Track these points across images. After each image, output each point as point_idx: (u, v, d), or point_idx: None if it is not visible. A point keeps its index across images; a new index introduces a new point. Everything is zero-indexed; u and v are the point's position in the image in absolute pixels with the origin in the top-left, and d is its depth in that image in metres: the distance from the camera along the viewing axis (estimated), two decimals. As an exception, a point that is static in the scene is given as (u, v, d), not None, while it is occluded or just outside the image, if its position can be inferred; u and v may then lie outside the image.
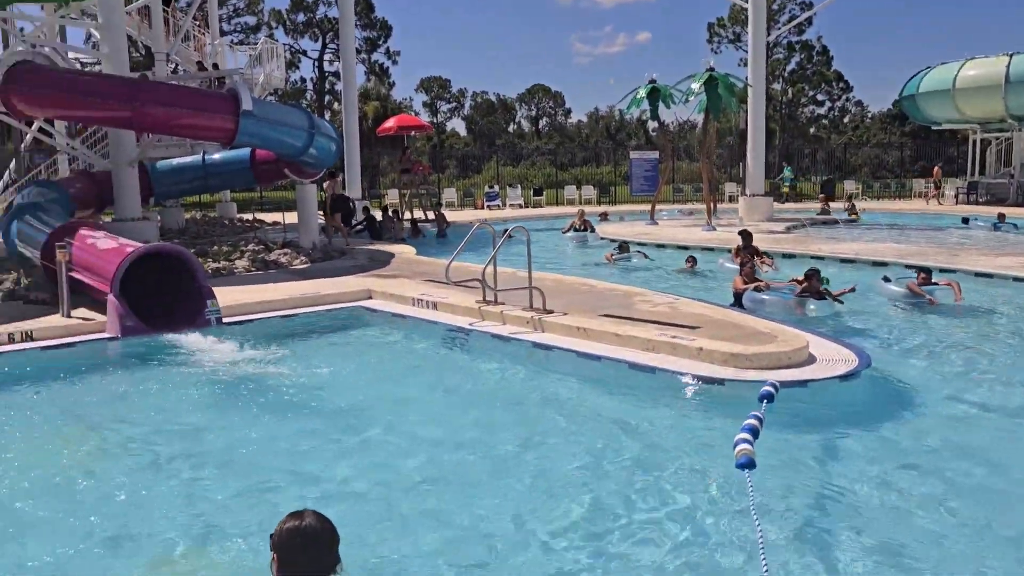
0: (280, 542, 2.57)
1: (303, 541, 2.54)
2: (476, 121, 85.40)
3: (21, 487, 5.47)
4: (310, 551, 2.54)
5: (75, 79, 14.21)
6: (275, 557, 2.57)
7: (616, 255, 16.69)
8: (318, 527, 2.59)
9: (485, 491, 5.27)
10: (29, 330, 9.36)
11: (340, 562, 2.59)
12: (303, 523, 2.58)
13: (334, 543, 2.60)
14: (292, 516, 2.62)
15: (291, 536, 2.56)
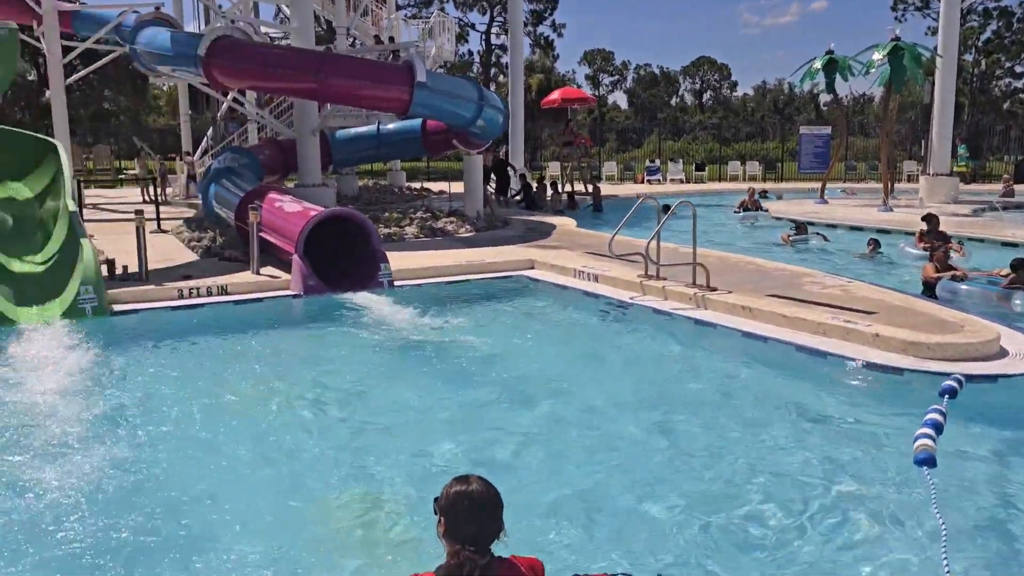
0: (446, 505, 2.57)
1: (469, 505, 2.54)
2: (638, 94, 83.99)
3: (211, 424, 6.02)
4: (476, 516, 2.53)
5: (268, 52, 15.22)
6: (441, 520, 2.57)
7: (793, 236, 15.88)
8: (484, 492, 2.57)
9: (645, 469, 5.24)
10: (224, 285, 10.25)
11: (504, 529, 2.58)
12: (469, 488, 2.57)
13: (499, 509, 2.58)
14: (458, 480, 2.62)
15: (457, 500, 2.56)
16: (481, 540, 2.53)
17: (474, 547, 2.51)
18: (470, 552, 2.51)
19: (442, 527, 2.57)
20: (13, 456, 5.30)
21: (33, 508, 4.58)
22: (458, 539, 2.52)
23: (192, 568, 4.04)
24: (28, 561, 4.03)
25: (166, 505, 4.69)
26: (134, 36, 16.42)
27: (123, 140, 38.43)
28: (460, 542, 2.52)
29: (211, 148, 23.88)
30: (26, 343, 7.95)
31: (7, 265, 10.22)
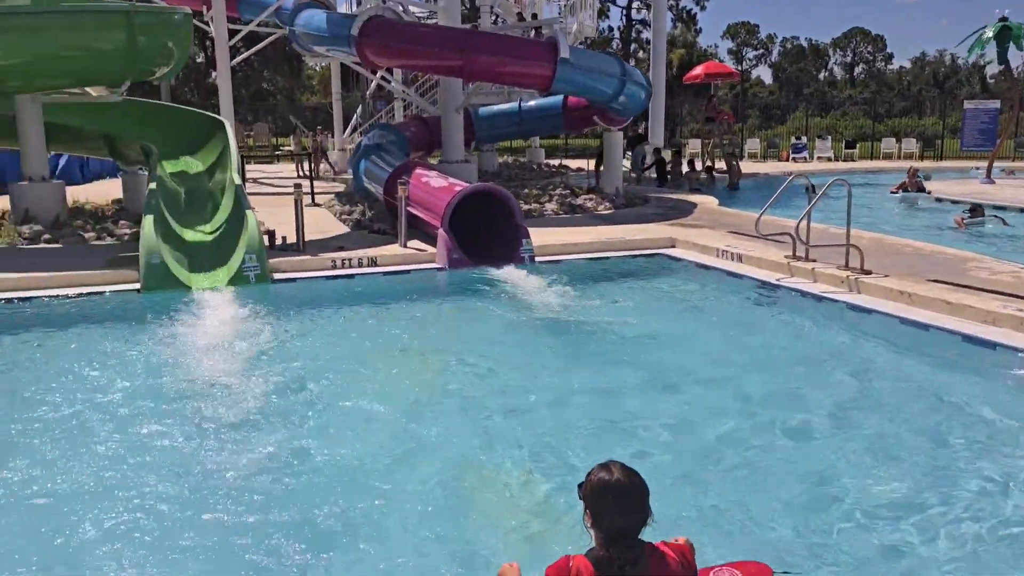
0: (590, 496, 2.53)
1: (614, 496, 2.49)
2: (783, 68, 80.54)
3: (358, 392, 6.27)
4: (621, 505, 2.48)
5: (416, 31, 15.62)
6: (588, 509, 2.53)
7: (967, 219, 14.56)
8: (628, 483, 2.52)
9: (792, 460, 5.01)
10: (374, 256, 10.70)
11: (652, 515, 2.53)
12: (612, 477, 2.51)
13: (645, 497, 2.52)
14: (601, 468, 2.56)
15: (601, 490, 2.51)
16: (630, 530, 2.49)
17: (623, 538, 2.49)
18: (622, 543, 2.48)
19: (588, 519, 2.54)
20: (184, 408, 5.77)
21: (202, 459, 4.98)
22: (605, 530, 2.50)
23: (338, 526, 4.27)
24: (193, 517, 4.33)
25: (313, 461, 4.97)
26: (292, 18, 17.27)
27: (279, 118, 40.59)
28: (608, 533, 2.50)
29: (360, 125, 24.83)
30: (198, 307, 8.61)
31: (181, 234, 11.07)
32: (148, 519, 4.24)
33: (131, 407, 5.81)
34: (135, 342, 7.49)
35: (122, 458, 4.95)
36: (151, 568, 3.81)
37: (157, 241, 9.52)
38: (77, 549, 3.97)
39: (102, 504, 4.38)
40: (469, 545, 4.03)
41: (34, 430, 5.41)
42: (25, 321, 8.21)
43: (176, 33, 12.19)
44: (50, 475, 4.75)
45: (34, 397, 6.03)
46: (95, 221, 13.14)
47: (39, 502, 4.42)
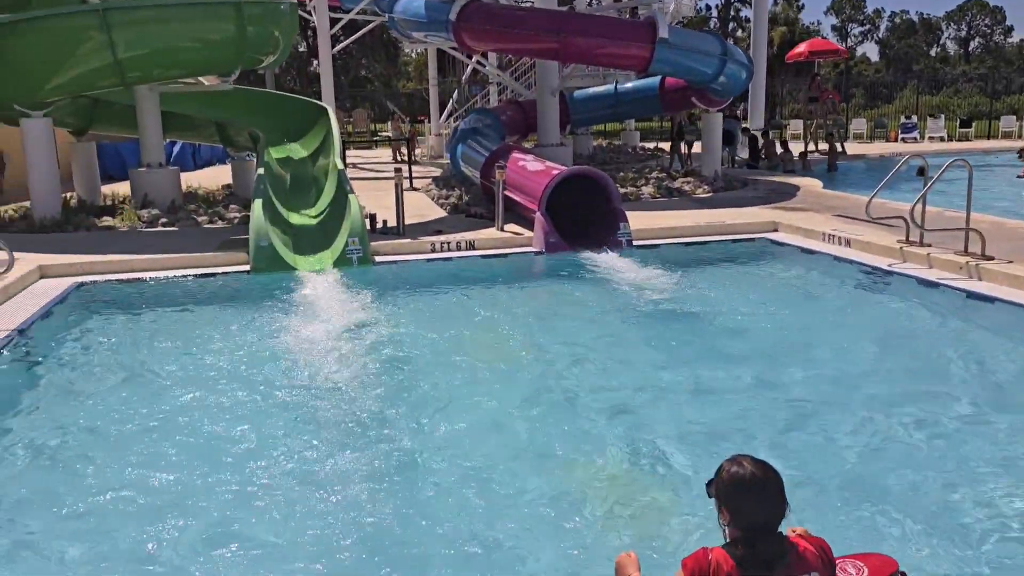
0: (725, 490, 2.44)
1: (752, 489, 2.39)
2: (891, 44, 76.83)
3: (457, 372, 6.37)
4: (761, 499, 2.38)
5: (512, 14, 15.62)
6: (722, 507, 2.45)
7: None
8: (763, 475, 2.41)
9: (912, 459, 4.73)
10: (471, 240, 10.79)
11: (789, 506, 2.43)
12: (747, 471, 2.42)
13: (782, 488, 2.41)
14: (732, 462, 2.46)
15: (737, 484, 2.41)
16: (772, 524, 2.40)
17: (766, 532, 2.39)
18: (764, 539, 2.39)
19: (725, 516, 2.45)
20: (291, 383, 5.97)
21: (302, 429, 5.15)
22: (746, 526, 2.40)
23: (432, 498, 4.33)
24: (301, 488, 4.50)
25: (410, 445, 5.03)
26: (392, 5, 17.52)
27: (376, 104, 41.41)
28: (749, 529, 2.40)
29: (455, 110, 25.06)
30: (303, 288, 8.89)
31: (287, 218, 11.46)
32: (250, 492, 4.41)
33: (238, 383, 6.04)
34: (244, 321, 7.80)
35: (228, 434, 5.15)
36: (259, 543, 3.96)
37: (265, 224, 9.87)
38: (187, 520, 4.16)
39: (208, 476, 4.59)
40: (580, 537, 3.98)
41: (148, 402, 5.70)
42: (145, 300, 8.67)
43: (282, 22, 12.55)
44: (163, 445, 5.01)
45: (150, 371, 6.37)
46: (207, 205, 13.74)
47: (150, 472, 4.65)
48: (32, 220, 12.32)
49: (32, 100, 12.10)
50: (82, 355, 6.88)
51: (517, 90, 19.86)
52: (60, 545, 3.93)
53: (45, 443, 5.10)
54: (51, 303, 8.29)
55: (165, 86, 13.47)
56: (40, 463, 4.84)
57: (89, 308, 8.41)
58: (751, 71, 15.66)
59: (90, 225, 12.15)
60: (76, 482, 4.58)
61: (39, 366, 6.59)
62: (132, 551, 3.87)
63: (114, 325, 7.80)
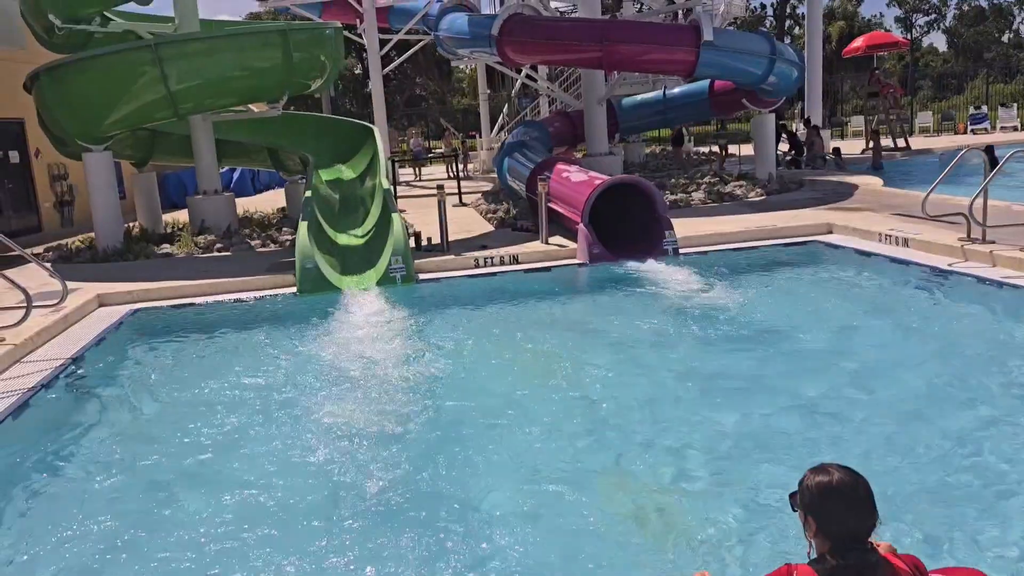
0: (813, 500, 2.33)
1: (841, 497, 2.29)
2: (959, 33, 74.10)
3: (502, 388, 6.29)
4: (850, 506, 2.28)
5: (554, 25, 15.59)
6: (809, 519, 2.34)
7: None
8: (852, 481, 2.30)
9: (986, 476, 4.41)
10: (515, 254, 10.74)
11: (879, 517, 2.32)
12: (834, 478, 2.31)
13: (871, 495, 2.31)
14: (817, 471, 2.36)
15: (825, 492, 2.30)
16: (863, 533, 2.29)
17: (856, 542, 2.27)
18: (857, 550, 2.26)
19: (812, 526, 2.33)
20: (335, 404, 5.99)
21: (351, 449, 5.15)
22: (836, 536, 2.28)
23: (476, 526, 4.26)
24: (335, 501, 4.51)
25: (454, 456, 5.00)
26: (437, 23, 17.70)
27: (431, 121, 41.88)
28: (839, 539, 2.28)
29: (507, 124, 25.13)
30: (347, 308, 8.96)
31: (334, 238, 11.61)
32: (299, 508, 4.42)
33: (285, 401, 6.11)
34: (289, 342, 7.90)
35: (277, 449, 5.21)
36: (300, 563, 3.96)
37: (311, 247, 10.00)
38: (234, 533, 4.19)
39: (259, 490, 4.64)
40: (643, 560, 3.84)
41: (202, 420, 5.79)
42: (195, 324, 8.86)
43: (327, 47, 12.76)
44: (214, 459, 5.10)
45: (202, 392, 6.49)
46: (261, 229, 14.04)
47: (204, 492, 4.72)
48: (96, 250, 12.78)
49: (93, 135, 12.57)
50: (131, 380, 7.06)
51: (566, 101, 19.79)
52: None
53: (100, 466, 5.23)
54: (105, 330, 8.54)
55: (217, 115, 13.84)
56: (96, 489, 4.94)
57: (141, 334, 8.65)
58: (802, 69, 15.26)
59: (149, 253, 12.53)
60: (130, 506, 4.66)
61: (89, 393, 6.78)
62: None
63: (164, 349, 7.99)
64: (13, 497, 4.88)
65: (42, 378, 6.88)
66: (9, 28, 15.00)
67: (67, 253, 12.94)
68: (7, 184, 16.87)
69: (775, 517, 3.95)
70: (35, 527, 4.49)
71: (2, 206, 16.65)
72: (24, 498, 4.86)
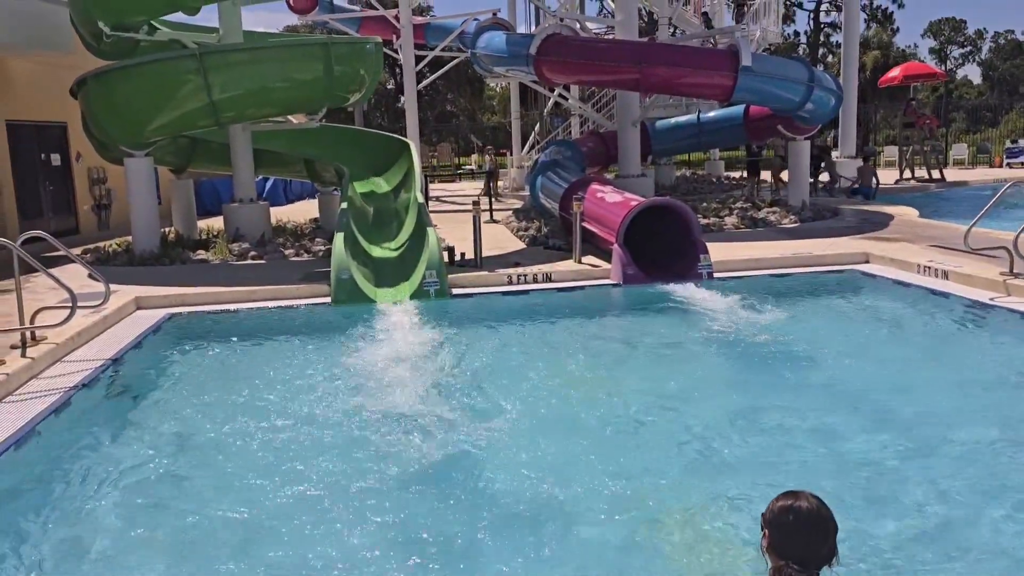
0: (772, 519, 2.43)
1: (796, 521, 2.38)
2: (995, 66, 73.62)
3: (532, 408, 6.26)
4: (804, 534, 2.37)
5: (592, 46, 15.67)
6: (766, 534, 2.45)
7: None
8: (814, 510, 2.39)
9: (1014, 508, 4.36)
10: (548, 272, 10.74)
11: (837, 555, 2.38)
12: (797, 503, 2.41)
13: (831, 532, 2.39)
14: (787, 495, 2.46)
15: (783, 514, 2.40)
16: (808, 561, 2.34)
17: (800, 567, 2.34)
18: (794, 571, 2.33)
19: (766, 540, 2.44)
20: (369, 414, 6.00)
21: (382, 460, 5.15)
22: (783, 556, 2.37)
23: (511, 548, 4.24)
24: (357, 519, 4.49)
25: (478, 468, 4.99)
26: (474, 41, 17.86)
27: (461, 138, 42.14)
28: (785, 559, 2.37)
29: (538, 142, 25.23)
30: (380, 320, 9.00)
31: (368, 250, 11.68)
32: (332, 516, 4.43)
33: (320, 410, 6.13)
34: (323, 352, 7.94)
35: (309, 458, 5.22)
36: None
37: (347, 258, 10.07)
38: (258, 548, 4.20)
39: (290, 496, 4.64)
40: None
41: (237, 425, 5.84)
42: (231, 330, 8.93)
43: (368, 61, 12.91)
44: (240, 472, 5.11)
45: (239, 397, 6.54)
46: (294, 238, 14.17)
47: (237, 496, 4.74)
48: (132, 254, 12.95)
49: (136, 141, 12.77)
50: (169, 383, 7.13)
51: (599, 121, 19.85)
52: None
53: (138, 466, 5.28)
54: (144, 333, 8.64)
55: (256, 125, 14.02)
56: (130, 488, 4.98)
57: (179, 338, 8.73)
58: (840, 97, 15.20)
59: (185, 259, 12.68)
60: (165, 508, 4.70)
61: (129, 394, 6.85)
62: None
63: (202, 354, 8.07)
64: (53, 492, 4.93)
65: (83, 378, 6.97)
66: (58, 33, 15.31)
67: (104, 256, 13.12)
68: (48, 186, 17.17)
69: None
70: (75, 522, 4.53)
71: (43, 207, 16.94)
72: (65, 494, 4.91)
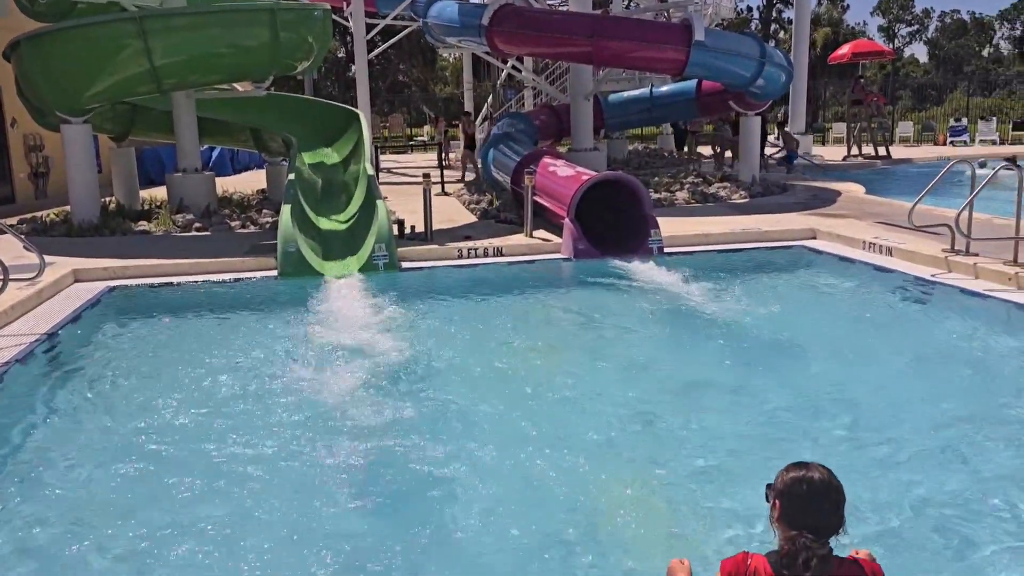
0: (782, 489, 2.43)
1: (809, 491, 2.39)
2: (941, 45, 75.14)
3: (482, 381, 6.24)
4: (816, 504, 2.38)
5: (545, 17, 15.51)
6: (776, 504, 2.45)
7: None
8: (826, 480, 2.41)
9: (962, 495, 4.37)
10: (499, 246, 10.67)
11: (844, 524, 2.41)
12: (808, 473, 2.42)
13: (841, 502, 2.41)
14: (797, 466, 2.46)
15: (795, 485, 2.41)
16: (821, 530, 2.37)
17: (812, 537, 2.35)
18: (808, 539, 2.34)
19: (776, 511, 2.44)
20: (315, 389, 5.90)
21: (328, 435, 5.07)
22: (794, 526, 2.38)
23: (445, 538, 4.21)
24: (313, 499, 4.44)
25: (422, 444, 4.94)
26: (426, 10, 17.54)
27: (413, 109, 41.59)
28: (796, 528, 2.38)
29: (491, 115, 25.01)
30: (330, 294, 8.85)
31: (316, 223, 11.46)
32: (273, 492, 4.34)
33: (258, 389, 6.00)
34: (269, 326, 7.79)
35: (252, 434, 5.12)
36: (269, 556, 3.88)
37: (293, 230, 9.86)
38: (203, 531, 4.10)
39: (232, 476, 4.54)
40: (618, 555, 3.83)
41: (179, 403, 5.68)
42: (174, 304, 8.71)
43: (315, 28, 12.57)
44: (189, 442, 5.00)
45: (181, 374, 6.37)
46: (241, 210, 13.84)
47: (176, 470, 4.61)
48: (71, 224, 12.51)
49: (72, 107, 12.28)
50: (108, 359, 6.90)
51: (552, 94, 19.73)
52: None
53: (74, 446, 5.11)
54: (82, 307, 8.36)
55: (201, 92, 13.59)
56: (61, 471, 4.82)
57: (119, 312, 8.48)
58: (791, 74, 15.31)
59: (126, 229, 12.30)
60: (101, 489, 4.56)
61: (65, 370, 6.62)
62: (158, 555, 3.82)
63: (143, 329, 7.85)
64: (-16, 475, 4.75)
65: (16, 353, 6.72)
66: (-12, -7, 14.60)
67: (41, 226, 12.66)
68: (-20, 153, 16.48)
69: (748, 520, 3.95)
70: (7, 505, 4.37)
71: (-26, 175, 16.27)
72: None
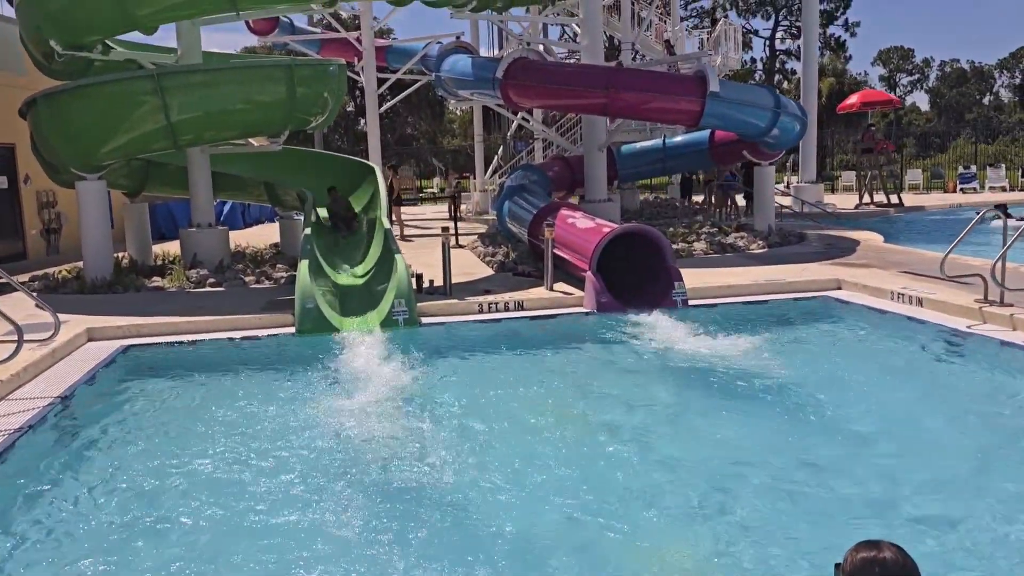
0: (854, 572, 2.23)
1: (882, 574, 2.18)
2: (942, 94, 75.90)
3: (504, 439, 6.00)
4: None
5: (560, 71, 15.57)
6: None
7: None
8: (899, 562, 2.20)
9: (992, 542, 4.24)
10: (520, 300, 10.48)
11: None
12: (881, 554, 2.22)
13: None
14: (867, 545, 2.27)
15: (867, 565, 2.21)
16: None
17: None
18: None
19: None
20: (336, 450, 5.67)
21: (346, 497, 4.82)
22: None
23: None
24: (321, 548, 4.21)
25: (446, 505, 4.77)
26: (438, 64, 17.66)
27: (422, 161, 41.89)
28: None
29: (501, 167, 25.09)
30: (349, 350, 8.63)
31: (334, 278, 11.31)
32: (291, 557, 4.09)
33: (280, 450, 5.80)
34: (289, 386, 7.58)
35: (268, 503, 4.89)
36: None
37: (311, 286, 9.70)
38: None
39: (250, 537, 4.31)
40: None
41: (201, 471, 5.46)
42: (190, 363, 8.50)
43: (331, 84, 12.61)
44: (200, 511, 4.78)
45: (192, 435, 6.15)
46: (255, 264, 13.71)
47: (194, 536, 4.37)
48: (83, 281, 12.38)
49: (88, 164, 12.27)
50: (124, 422, 6.69)
51: (563, 146, 19.77)
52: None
53: (89, 516, 4.88)
54: (96, 367, 8.16)
55: (216, 148, 13.59)
56: (78, 531, 4.60)
57: (134, 373, 8.28)
58: (805, 124, 15.30)
59: (140, 285, 12.16)
60: (114, 551, 4.35)
61: (79, 435, 6.39)
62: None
63: (159, 391, 7.63)
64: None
65: (29, 418, 6.49)
66: (9, 53, 14.74)
67: (53, 283, 12.55)
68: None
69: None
70: None
71: (-12, 232, 16.24)
72: (8, 546, 4.50)
